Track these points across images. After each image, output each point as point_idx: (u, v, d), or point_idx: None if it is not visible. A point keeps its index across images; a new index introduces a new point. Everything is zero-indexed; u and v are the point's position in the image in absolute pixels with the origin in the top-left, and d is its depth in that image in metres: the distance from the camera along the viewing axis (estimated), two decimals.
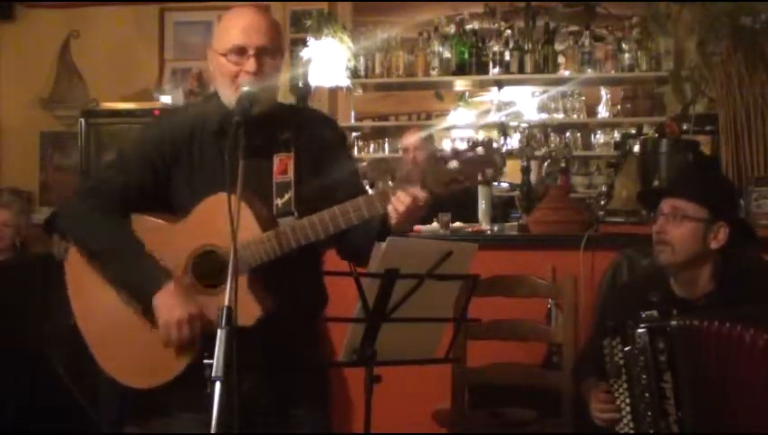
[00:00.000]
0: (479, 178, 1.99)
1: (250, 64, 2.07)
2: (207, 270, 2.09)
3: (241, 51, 2.07)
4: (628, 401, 2.43)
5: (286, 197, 2.12)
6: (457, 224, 4.12)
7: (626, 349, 2.41)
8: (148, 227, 2.15)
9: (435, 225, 4.12)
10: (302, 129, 2.20)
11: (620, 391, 2.45)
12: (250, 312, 1.99)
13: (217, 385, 1.72)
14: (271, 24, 2.14)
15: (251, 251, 2.02)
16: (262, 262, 2.04)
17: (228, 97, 2.10)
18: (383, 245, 2.07)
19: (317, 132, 2.23)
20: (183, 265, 2.10)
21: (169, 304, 2.04)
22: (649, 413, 2.38)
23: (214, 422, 1.72)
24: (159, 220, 2.16)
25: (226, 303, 1.78)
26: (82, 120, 5.58)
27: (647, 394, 2.38)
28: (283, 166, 2.13)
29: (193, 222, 2.11)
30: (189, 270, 2.11)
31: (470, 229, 4.11)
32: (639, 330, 2.38)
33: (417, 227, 4.12)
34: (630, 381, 2.41)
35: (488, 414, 3.40)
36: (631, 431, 2.43)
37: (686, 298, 2.59)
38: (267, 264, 2.04)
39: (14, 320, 3.95)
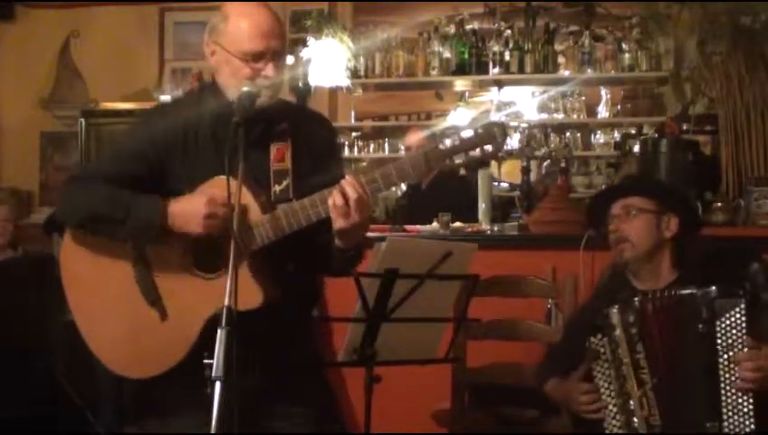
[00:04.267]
0: (479, 153, 2.00)
1: (269, 69, 2.07)
2: (207, 253, 2.08)
3: (259, 56, 2.08)
4: (610, 379, 2.52)
5: (284, 183, 2.12)
6: (457, 224, 4.12)
7: (604, 337, 2.53)
8: None
9: (435, 225, 4.12)
10: (299, 124, 2.21)
11: (602, 371, 2.53)
12: (252, 297, 1.99)
13: (217, 385, 1.73)
14: (279, 22, 2.15)
15: (251, 235, 2.02)
16: (263, 245, 2.03)
17: (234, 89, 2.08)
18: (383, 245, 2.07)
19: (312, 129, 2.24)
20: (183, 249, 2.10)
21: (186, 210, 2.03)
22: (627, 385, 2.48)
23: (214, 422, 1.72)
24: None
25: (227, 303, 1.79)
26: (82, 120, 5.59)
27: (623, 368, 2.49)
28: (280, 154, 2.14)
29: None
30: (189, 253, 2.10)
31: (470, 229, 4.11)
32: (612, 310, 2.51)
33: (416, 228, 4.12)
34: (609, 359, 2.52)
35: (488, 414, 3.40)
36: (616, 411, 2.51)
37: (651, 290, 2.64)
38: (266, 251, 2.04)
39: (14, 320, 3.95)
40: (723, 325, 2.42)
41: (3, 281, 4.16)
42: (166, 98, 5.65)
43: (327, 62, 5.65)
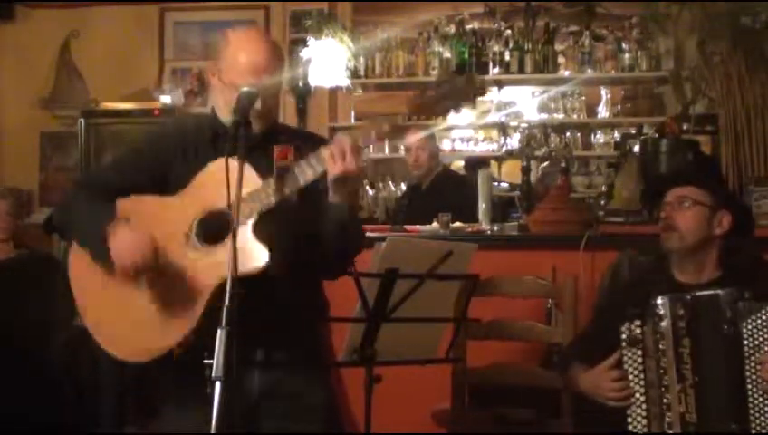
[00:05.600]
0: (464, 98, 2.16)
1: (258, 104, 2.10)
2: (214, 230, 2.10)
3: None
4: (642, 368, 2.49)
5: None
6: (457, 224, 4.12)
7: (645, 325, 2.49)
8: (146, 201, 2.17)
9: (435, 225, 4.12)
10: (299, 141, 2.23)
11: (634, 359, 2.50)
12: (256, 257, 2.00)
13: (217, 385, 1.73)
14: (277, 55, 2.20)
15: (252, 199, 2.05)
16: (264, 210, 2.05)
17: (226, 116, 2.15)
18: (383, 245, 2.07)
19: (313, 148, 2.25)
20: (188, 228, 2.12)
21: (119, 237, 2.07)
22: (667, 377, 2.46)
23: (214, 422, 1.72)
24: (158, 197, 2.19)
25: (227, 303, 1.79)
26: (82, 120, 5.59)
27: (664, 360, 2.46)
28: (283, 154, 2.17)
29: (195, 188, 2.14)
30: (194, 231, 2.12)
31: (470, 229, 4.11)
32: (659, 301, 2.48)
33: (416, 228, 4.12)
34: (647, 348, 2.48)
35: (488, 414, 3.40)
36: (643, 401, 2.48)
37: (693, 285, 2.62)
38: (267, 218, 2.06)
39: (14, 319, 3.96)
40: (749, 327, 2.42)
41: (3, 280, 4.16)
42: (166, 98, 5.66)
43: (327, 62, 5.64)
